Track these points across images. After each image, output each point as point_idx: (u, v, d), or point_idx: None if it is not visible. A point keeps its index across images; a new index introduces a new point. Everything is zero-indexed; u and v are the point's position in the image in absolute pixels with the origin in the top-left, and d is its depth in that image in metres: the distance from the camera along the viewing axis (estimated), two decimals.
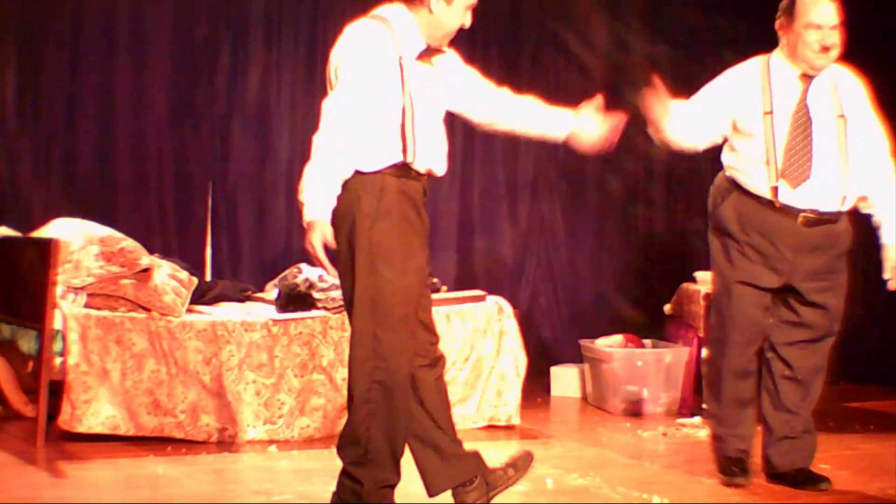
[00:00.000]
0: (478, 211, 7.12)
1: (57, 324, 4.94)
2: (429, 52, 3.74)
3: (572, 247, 7.32)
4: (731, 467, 4.37)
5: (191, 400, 5.08)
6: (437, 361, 3.83)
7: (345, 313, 5.43)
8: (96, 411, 4.92)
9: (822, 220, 4.29)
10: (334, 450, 3.50)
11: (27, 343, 5.16)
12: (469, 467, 3.85)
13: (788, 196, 4.26)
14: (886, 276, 4.39)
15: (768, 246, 4.32)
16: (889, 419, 6.07)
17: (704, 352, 5.99)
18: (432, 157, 3.78)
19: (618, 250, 7.40)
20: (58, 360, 5.05)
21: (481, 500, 3.83)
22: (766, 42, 7.36)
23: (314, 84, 6.80)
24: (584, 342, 6.45)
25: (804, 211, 4.26)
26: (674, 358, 6.12)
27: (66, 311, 4.99)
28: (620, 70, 4.22)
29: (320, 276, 5.66)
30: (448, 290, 6.04)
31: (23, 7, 6.28)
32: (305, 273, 5.72)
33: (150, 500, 4.15)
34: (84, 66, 6.37)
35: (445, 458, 3.83)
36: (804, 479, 4.36)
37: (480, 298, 5.77)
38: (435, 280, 6.07)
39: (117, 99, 6.39)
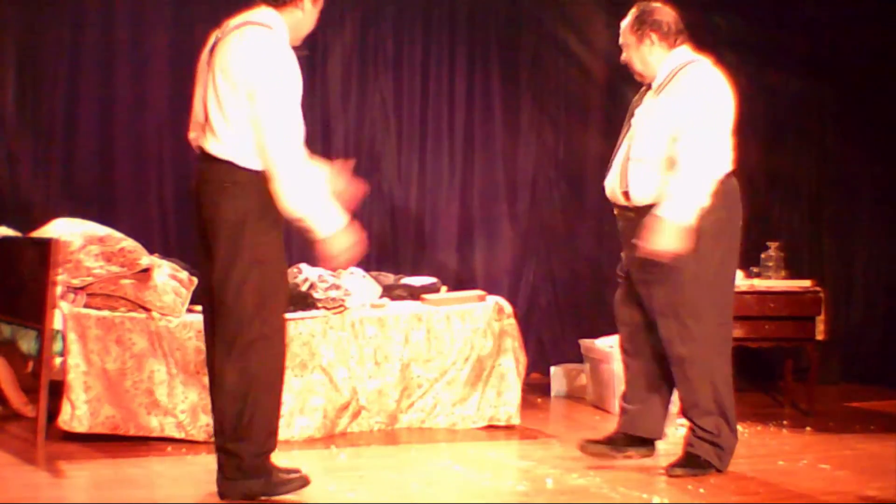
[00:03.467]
0: (478, 211, 7.12)
1: (57, 324, 4.94)
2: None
3: (572, 247, 7.32)
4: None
5: (191, 400, 5.08)
6: None
7: (345, 313, 5.46)
8: (96, 411, 4.92)
9: (625, 212, 4.65)
10: (333, 449, 3.50)
11: (27, 343, 5.16)
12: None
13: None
14: (639, 241, 4.46)
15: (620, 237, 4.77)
16: (889, 419, 6.08)
17: None
18: None
19: (618, 250, 7.37)
20: (58, 360, 5.05)
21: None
22: (765, 42, 7.43)
23: (314, 84, 6.81)
24: (584, 342, 6.45)
25: (613, 206, 4.71)
26: None
27: (66, 311, 4.99)
28: None
29: (320, 276, 5.67)
30: (448, 290, 6.05)
31: (23, 9, 6.28)
32: (305, 273, 5.72)
33: (149, 500, 4.15)
34: (84, 66, 6.38)
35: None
36: (630, 444, 4.76)
37: (480, 298, 5.77)
38: (435, 280, 6.09)
39: (117, 99, 6.39)
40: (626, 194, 4.58)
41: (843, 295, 7.37)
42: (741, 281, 6.13)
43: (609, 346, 6.23)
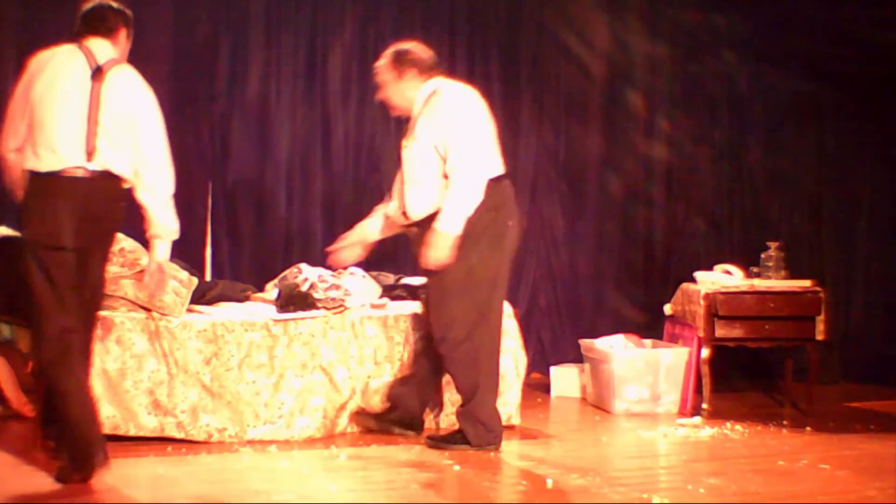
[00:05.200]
0: None
1: None
2: None
3: (572, 247, 7.32)
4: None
5: (191, 400, 5.08)
6: None
7: (345, 313, 5.47)
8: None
9: (413, 226, 5.04)
10: (333, 449, 3.51)
11: (27, 343, 5.15)
12: None
13: None
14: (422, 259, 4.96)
15: None
16: (889, 419, 6.08)
17: (705, 352, 6.01)
18: None
19: (618, 250, 7.40)
20: None
21: None
22: (765, 42, 7.43)
23: (314, 84, 6.81)
24: (584, 342, 6.45)
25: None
26: (674, 358, 6.12)
27: None
28: None
29: (320, 276, 5.67)
30: None
31: (23, 7, 6.28)
32: (305, 273, 5.72)
33: (150, 500, 4.15)
34: None
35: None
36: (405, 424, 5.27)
37: None
38: None
39: None
40: (405, 214, 5.02)
41: (843, 295, 7.36)
42: (741, 281, 6.14)
43: (609, 345, 6.23)
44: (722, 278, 6.16)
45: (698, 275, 6.26)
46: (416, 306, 5.59)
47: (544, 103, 7.31)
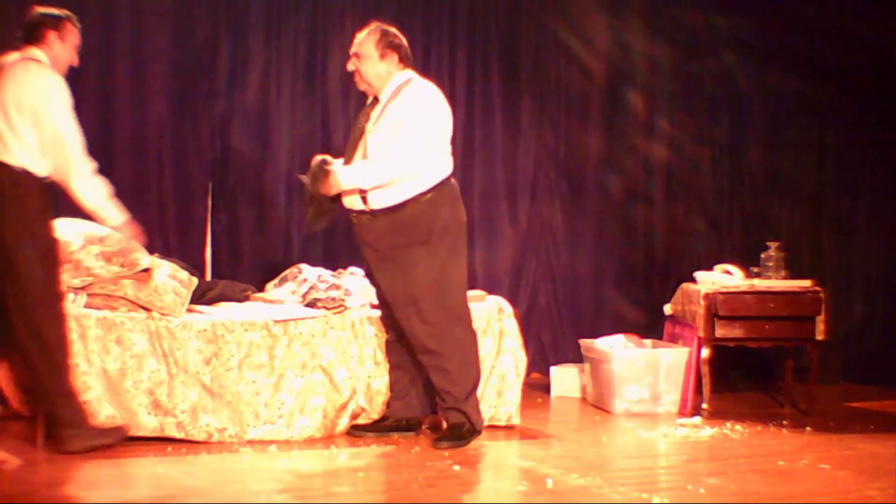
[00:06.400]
0: (478, 211, 7.12)
1: None
2: None
3: (572, 247, 7.32)
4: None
5: (191, 400, 5.08)
6: None
7: (345, 313, 5.46)
8: (96, 411, 4.92)
9: (361, 216, 5.04)
10: (333, 449, 3.52)
11: None
12: None
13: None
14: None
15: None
16: (889, 419, 6.08)
17: (705, 352, 6.01)
18: None
19: (618, 250, 7.40)
20: None
21: None
22: (765, 42, 7.43)
23: (314, 84, 6.81)
24: (584, 342, 6.45)
25: (350, 210, 5.08)
26: (674, 358, 6.12)
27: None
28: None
29: (320, 276, 5.67)
30: None
31: (23, 8, 6.26)
32: (305, 273, 5.72)
33: (150, 500, 4.15)
34: (84, 66, 6.34)
35: None
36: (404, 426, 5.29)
37: (480, 299, 5.77)
38: None
39: (117, 99, 6.38)
40: (364, 199, 4.99)
41: (843, 295, 7.37)
42: (741, 281, 6.14)
43: (609, 346, 6.23)
44: (722, 278, 6.16)
45: (698, 275, 6.26)
46: None
47: (544, 103, 7.31)
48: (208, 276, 6.49)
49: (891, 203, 7.48)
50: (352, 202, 5.04)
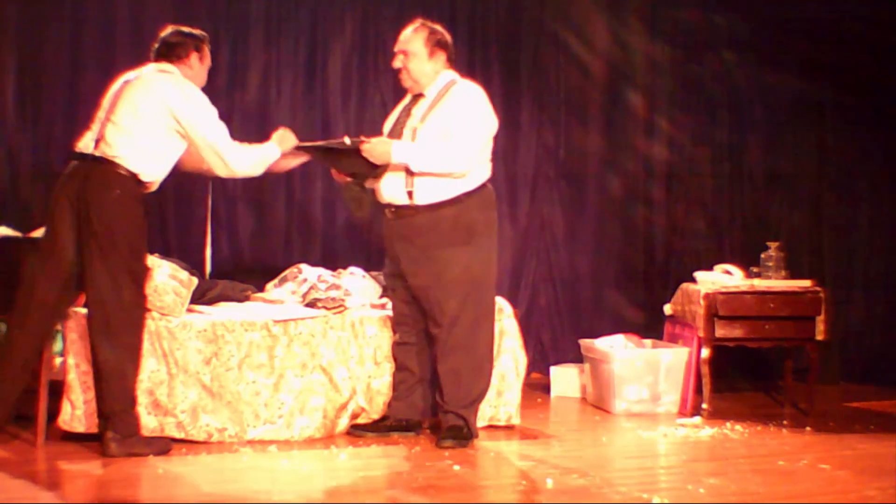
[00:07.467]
0: None
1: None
2: None
3: (572, 247, 7.32)
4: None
5: (191, 400, 5.08)
6: None
7: (345, 313, 5.46)
8: (96, 411, 4.91)
9: (402, 210, 5.00)
10: (333, 449, 3.51)
11: None
12: None
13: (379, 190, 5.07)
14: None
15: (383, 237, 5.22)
16: (889, 419, 6.08)
17: (705, 352, 6.02)
18: None
19: (618, 250, 7.40)
20: (58, 360, 5.05)
21: None
22: (765, 42, 7.42)
23: (314, 84, 6.81)
24: (584, 342, 6.45)
25: (388, 205, 5.04)
26: (674, 358, 6.12)
27: None
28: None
29: (320, 276, 5.67)
30: None
31: (23, 7, 6.28)
32: (305, 273, 5.72)
33: (150, 500, 4.15)
34: (84, 66, 6.38)
35: None
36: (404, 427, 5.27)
37: None
38: None
39: None
40: (410, 194, 4.97)
41: (843, 295, 7.36)
42: (741, 281, 6.14)
43: (609, 346, 6.23)
44: (722, 278, 6.16)
45: (698, 275, 6.25)
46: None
47: (544, 103, 7.30)
48: (208, 276, 6.49)
49: (891, 203, 7.48)
50: (394, 195, 5.00)
